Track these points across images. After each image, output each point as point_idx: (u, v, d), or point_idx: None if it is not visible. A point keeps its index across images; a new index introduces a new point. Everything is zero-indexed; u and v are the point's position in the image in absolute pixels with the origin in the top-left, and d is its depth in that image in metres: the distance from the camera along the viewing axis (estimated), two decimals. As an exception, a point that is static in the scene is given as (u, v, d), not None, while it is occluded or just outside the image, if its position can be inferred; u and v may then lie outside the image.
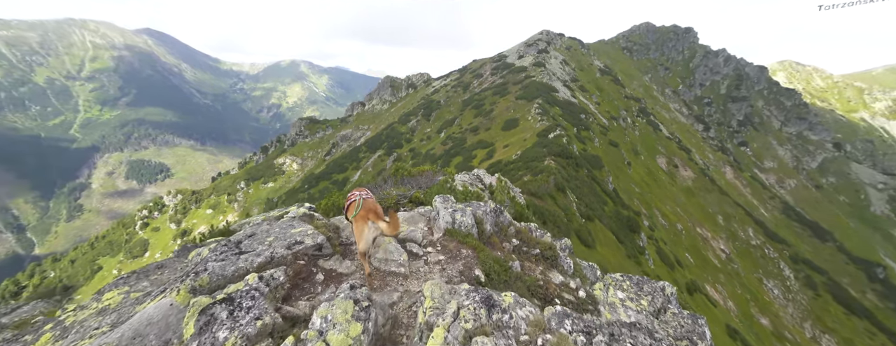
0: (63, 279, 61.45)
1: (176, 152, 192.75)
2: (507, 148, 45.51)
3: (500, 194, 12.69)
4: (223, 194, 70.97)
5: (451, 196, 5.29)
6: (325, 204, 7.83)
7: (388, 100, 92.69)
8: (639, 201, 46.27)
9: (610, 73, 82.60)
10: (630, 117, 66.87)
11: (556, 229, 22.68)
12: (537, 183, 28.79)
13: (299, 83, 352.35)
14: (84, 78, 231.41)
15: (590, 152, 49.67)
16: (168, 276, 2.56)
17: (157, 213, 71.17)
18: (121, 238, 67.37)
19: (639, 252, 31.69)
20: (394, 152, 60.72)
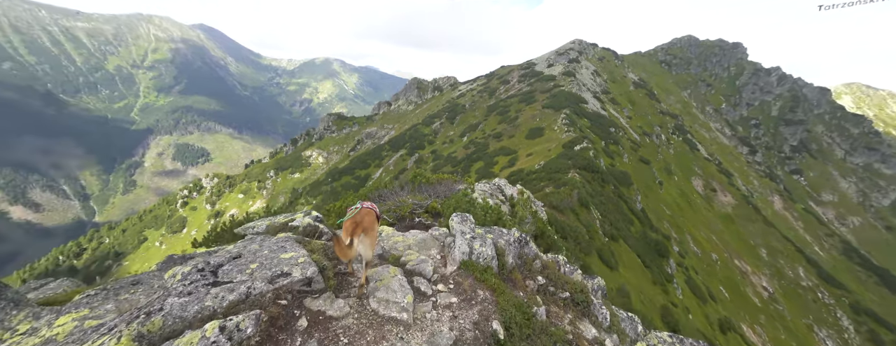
0: (115, 246, 67.19)
1: (216, 139, 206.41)
2: (530, 157, 44.10)
3: (521, 209, 11.84)
4: (254, 181, 74.57)
5: (470, 215, 4.73)
6: (338, 207, 7.46)
7: (413, 101, 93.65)
8: (669, 224, 43.12)
9: (645, 86, 78.44)
10: (664, 134, 62.93)
11: (577, 247, 21.37)
12: (559, 196, 27.42)
13: (331, 80, 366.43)
14: (146, 67, 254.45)
15: (618, 168, 47.07)
16: (141, 296, 2.19)
17: (195, 193, 76.01)
18: (164, 213, 72.61)
19: (666, 279, 29.23)
20: (416, 153, 60.94)
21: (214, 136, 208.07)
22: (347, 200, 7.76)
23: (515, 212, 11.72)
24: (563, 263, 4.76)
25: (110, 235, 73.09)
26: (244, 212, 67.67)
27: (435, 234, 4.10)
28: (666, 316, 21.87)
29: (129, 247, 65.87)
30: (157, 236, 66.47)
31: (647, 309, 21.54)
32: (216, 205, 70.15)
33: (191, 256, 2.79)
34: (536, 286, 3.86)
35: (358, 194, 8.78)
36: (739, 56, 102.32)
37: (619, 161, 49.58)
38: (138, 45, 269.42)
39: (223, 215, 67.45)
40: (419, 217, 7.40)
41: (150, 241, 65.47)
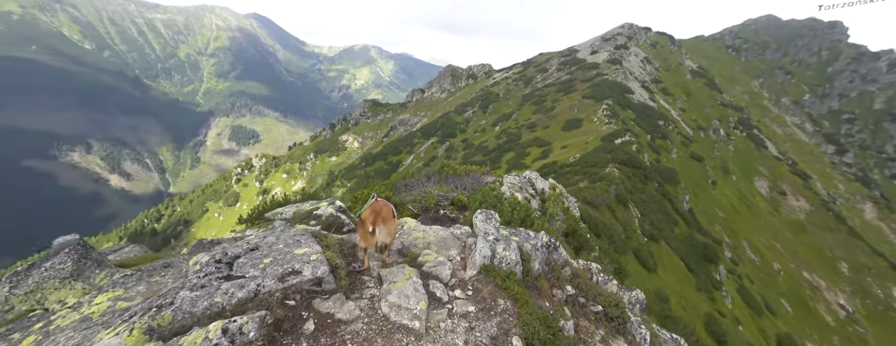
0: (184, 214, 77.48)
1: (264, 122, 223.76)
2: (565, 149, 41.82)
3: (552, 205, 11.14)
4: (296, 162, 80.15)
5: (496, 213, 4.41)
6: (366, 194, 7.53)
7: (447, 89, 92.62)
8: (721, 228, 39.02)
9: (704, 75, 69.55)
10: (724, 129, 55.86)
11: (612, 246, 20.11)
12: (595, 191, 25.81)
13: (368, 67, 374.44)
14: (209, 54, 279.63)
15: (664, 164, 43.07)
16: (169, 279, 2.27)
17: (246, 171, 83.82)
18: (222, 188, 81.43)
19: (714, 286, 26.69)
20: (447, 141, 60.81)
21: (263, 119, 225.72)
22: (375, 187, 7.79)
23: (545, 208, 11.00)
24: (597, 271, 4.31)
25: (181, 204, 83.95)
26: (287, 191, 73.41)
27: (456, 233, 3.86)
28: (711, 325, 20.04)
29: (194, 216, 75.32)
30: (216, 207, 74.99)
31: (689, 316, 19.86)
32: (263, 183, 76.84)
33: (218, 241, 2.89)
34: (564, 297, 3.51)
35: (386, 183, 8.74)
36: (836, 38, 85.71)
37: (666, 157, 45.23)
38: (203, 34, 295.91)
39: (269, 193, 73.77)
40: (444, 209, 7.16)
41: (210, 212, 74.13)
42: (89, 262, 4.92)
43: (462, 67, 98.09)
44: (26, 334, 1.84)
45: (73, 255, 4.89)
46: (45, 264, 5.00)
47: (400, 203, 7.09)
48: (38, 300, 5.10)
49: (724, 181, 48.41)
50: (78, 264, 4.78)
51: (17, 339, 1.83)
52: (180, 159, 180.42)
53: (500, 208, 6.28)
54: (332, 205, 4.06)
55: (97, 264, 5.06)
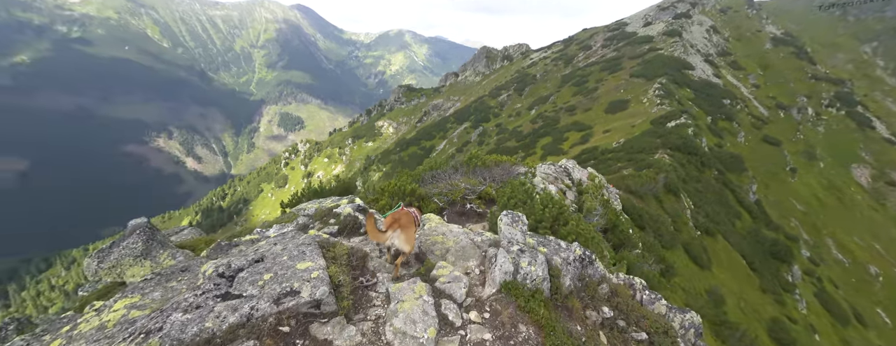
0: (244, 194, 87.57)
1: (308, 109, 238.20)
2: (608, 134, 38.40)
3: (590, 198, 10.11)
4: (336, 148, 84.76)
5: (523, 216, 3.93)
6: (392, 186, 7.34)
7: (481, 72, 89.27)
8: (799, 223, 33.89)
9: (792, 42, 57.96)
10: (814, 107, 46.84)
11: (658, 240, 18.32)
12: (641, 179, 23.54)
13: (402, 52, 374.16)
14: (259, 46, 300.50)
15: (727, 149, 37.84)
16: (184, 285, 2.28)
17: (293, 156, 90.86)
18: (274, 171, 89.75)
19: (783, 288, 23.51)
20: (480, 126, 59.39)
21: (307, 106, 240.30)
22: (402, 179, 7.57)
23: (582, 201, 10.05)
24: (641, 288, 3.71)
25: (240, 185, 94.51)
26: (328, 174, 78.40)
27: (477, 240, 3.48)
28: (776, 331, 17.70)
29: (252, 195, 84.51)
30: (269, 188, 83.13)
31: (749, 320, 17.70)
32: (308, 166, 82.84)
33: (235, 243, 2.93)
34: (600, 319, 3.02)
35: (412, 174, 8.48)
36: None
37: (731, 141, 39.58)
38: (254, 27, 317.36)
39: (313, 175, 79.45)
40: (471, 203, 6.79)
41: (264, 192, 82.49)
42: (155, 243, 5.63)
43: (497, 49, 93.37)
44: (55, 336, 1.94)
45: (142, 236, 5.56)
46: (122, 243, 5.80)
47: (425, 196, 6.82)
48: (118, 273, 5.93)
49: (807, 169, 41.25)
50: (147, 244, 5.48)
51: (47, 341, 1.93)
52: (238, 144, 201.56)
53: (531, 204, 5.72)
54: (352, 204, 3.94)
55: (161, 245, 5.78)
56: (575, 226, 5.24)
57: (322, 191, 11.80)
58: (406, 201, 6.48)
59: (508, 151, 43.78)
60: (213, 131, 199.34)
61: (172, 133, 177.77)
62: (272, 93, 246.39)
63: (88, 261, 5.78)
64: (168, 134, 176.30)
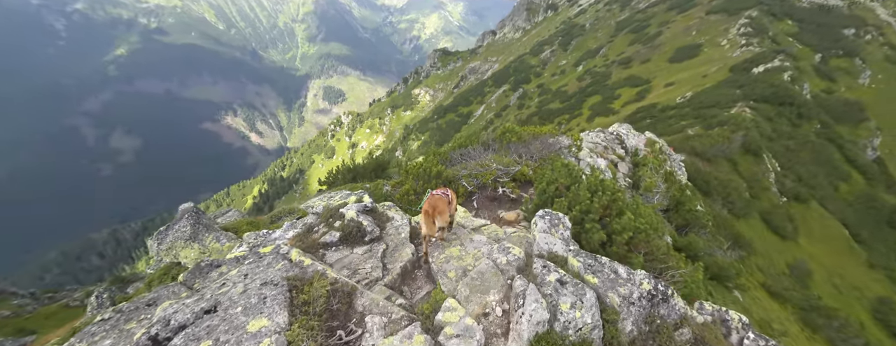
0: (299, 165, 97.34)
1: (348, 81, 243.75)
2: (671, 87, 33.06)
3: (649, 173, 8.41)
4: (376, 118, 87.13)
5: (566, 218, 3.19)
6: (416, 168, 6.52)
7: (521, 27, 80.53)
8: None
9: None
10: None
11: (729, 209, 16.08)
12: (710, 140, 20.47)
13: (436, 13, 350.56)
14: (299, 20, 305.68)
15: (840, 96, 30.43)
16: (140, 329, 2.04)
17: (338, 128, 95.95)
18: (322, 143, 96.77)
19: None
20: (520, 88, 55.31)
21: (346, 78, 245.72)
22: (428, 160, 6.81)
23: (639, 176, 8.42)
24: (740, 326, 2.64)
25: (296, 156, 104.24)
26: (370, 144, 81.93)
27: (502, 263, 2.60)
28: (885, 313, 15.10)
29: (306, 166, 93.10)
30: (319, 159, 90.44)
31: (846, 300, 15.32)
32: (352, 138, 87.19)
33: (218, 263, 2.77)
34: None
35: (439, 153, 7.58)
36: None
37: (849, 83, 31.63)
38: (294, 2, 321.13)
39: (357, 146, 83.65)
40: (504, 187, 5.90)
41: (316, 163, 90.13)
42: (201, 226, 6.10)
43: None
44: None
45: (191, 220, 6.05)
46: (174, 226, 6.19)
47: (453, 179, 6.17)
48: (174, 255, 6.11)
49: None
50: (194, 228, 5.97)
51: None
52: (291, 119, 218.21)
53: (575, 191, 4.61)
54: (359, 204, 3.52)
55: (206, 229, 6.14)
56: (631, 221, 4.09)
57: (356, 168, 11.83)
58: (432, 184, 6.03)
59: (551, 115, 40.52)
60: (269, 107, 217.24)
61: (237, 111, 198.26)
62: (315, 67, 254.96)
63: (151, 242, 6.30)
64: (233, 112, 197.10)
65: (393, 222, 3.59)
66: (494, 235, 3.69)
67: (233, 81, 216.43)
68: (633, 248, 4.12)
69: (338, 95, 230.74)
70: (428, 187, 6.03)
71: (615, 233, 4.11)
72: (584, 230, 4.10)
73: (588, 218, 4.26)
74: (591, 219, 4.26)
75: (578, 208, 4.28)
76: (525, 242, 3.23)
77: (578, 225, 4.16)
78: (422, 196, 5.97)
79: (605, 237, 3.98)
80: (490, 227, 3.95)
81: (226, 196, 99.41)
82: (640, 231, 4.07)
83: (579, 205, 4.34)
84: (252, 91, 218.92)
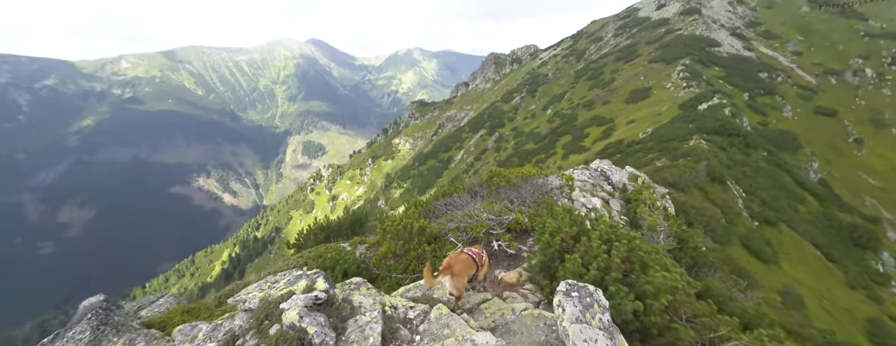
0: (275, 223, 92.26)
1: (328, 135, 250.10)
2: (633, 125, 36.36)
3: (648, 210, 7.96)
4: (357, 169, 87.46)
5: (598, 293, 2.55)
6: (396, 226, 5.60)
7: (491, 78, 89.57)
8: (877, 202, 29.60)
9: (832, 0, 52.82)
10: (873, 68, 41.84)
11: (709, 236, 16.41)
12: (678, 170, 21.65)
13: (412, 70, 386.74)
14: (280, 82, 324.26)
15: (774, 127, 34.42)
16: None
17: (318, 181, 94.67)
18: (301, 197, 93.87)
19: (874, 281, 20.22)
20: (495, 132, 58.85)
21: (327, 133, 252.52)
22: (408, 213, 6.24)
23: (635, 214, 7.95)
24: None
25: (272, 214, 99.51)
26: (351, 195, 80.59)
27: None
28: (879, 336, 14.89)
29: (282, 223, 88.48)
30: (297, 215, 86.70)
31: (841, 324, 14.98)
32: (332, 190, 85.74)
33: None
34: None
35: (421, 204, 6.96)
36: None
37: (777, 117, 36.04)
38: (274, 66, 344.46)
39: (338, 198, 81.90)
40: (499, 241, 5.21)
41: (294, 219, 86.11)
42: (108, 328, 4.67)
43: (505, 53, 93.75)
44: None
45: (93, 321, 4.63)
46: (66, 335, 4.68)
47: (438, 235, 5.53)
48: None
49: (877, 138, 36.39)
50: (96, 332, 4.54)
51: None
52: (268, 176, 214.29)
53: (586, 243, 3.82)
54: (308, 295, 2.56)
55: (116, 330, 4.66)
56: (666, 279, 3.31)
57: (330, 225, 10.85)
58: (414, 242, 5.34)
59: (527, 155, 42.68)
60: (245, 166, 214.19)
61: (210, 172, 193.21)
62: (294, 124, 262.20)
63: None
64: (206, 173, 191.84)
65: (358, 317, 2.58)
66: (501, 317, 2.86)
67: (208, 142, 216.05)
68: (673, 314, 3.31)
69: (317, 149, 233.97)
70: (409, 246, 5.36)
71: (647, 296, 3.25)
72: (608, 296, 3.19)
73: (609, 278, 3.38)
74: (613, 279, 3.37)
75: (595, 266, 3.46)
76: (543, 326, 2.45)
77: (596, 284, 3.15)
78: (402, 259, 5.34)
79: (640, 306, 3.10)
80: (492, 305, 3.17)
81: (190, 265, 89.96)
82: (678, 290, 3.27)
83: (595, 261, 3.51)
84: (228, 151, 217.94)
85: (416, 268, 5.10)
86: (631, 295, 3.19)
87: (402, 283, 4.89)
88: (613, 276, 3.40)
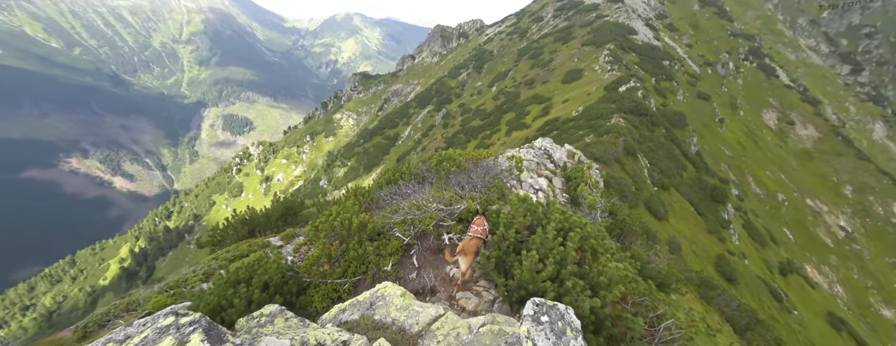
0: (193, 209, 78.80)
1: (256, 108, 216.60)
2: (567, 103, 39.37)
3: (588, 190, 8.28)
4: (293, 146, 78.64)
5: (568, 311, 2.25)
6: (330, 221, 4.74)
7: (438, 52, 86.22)
8: (727, 167, 38.10)
9: (714, 3, 62.69)
10: (734, 62, 51.79)
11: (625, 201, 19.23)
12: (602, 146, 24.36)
13: (353, 38, 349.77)
14: (184, 41, 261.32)
15: (671, 108, 40.76)
16: None
17: (246, 161, 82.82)
18: (224, 180, 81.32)
19: (722, 226, 26.62)
20: (443, 108, 58.02)
21: (254, 105, 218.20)
22: (346, 206, 5.23)
23: (578, 193, 8.16)
24: None
25: (187, 199, 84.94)
26: (288, 176, 73.10)
27: None
28: (721, 266, 20.05)
29: (203, 210, 76.50)
30: (222, 199, 75.65)
31: (700, 259, 19.75)
32: (264, 170, 76.24)
33: None
34: None
35: (364, 193, 6.03)
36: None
37: (673, 100, 42.65)
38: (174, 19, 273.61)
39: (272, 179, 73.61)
40: (450, 233, 4.70)
41: (218, 204, 75.00)
42: None
43: (451, 27, 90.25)
44: None
45: None
46: None
47: (382, 230, 4.76)
48: None
49: (732, 118, 46.18)
50: None
51: None
52: (179, 155, 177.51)
53: (542, 235, 3.58)
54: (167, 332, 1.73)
55: None
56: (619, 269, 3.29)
57: (254, 217, 8.96)
58: (354, 240, 4.49)
59: (474, 132, 43.44)
60: (144, 144, 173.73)
61: (88, 151, 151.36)
62: (209, 93, 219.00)
63: None
64: (82, 153, 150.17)
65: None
66: (456, 339, 2.30)
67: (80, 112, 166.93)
68: (622, 302, 3.29)
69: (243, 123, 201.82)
70: (348, 245, 4.55)
71: (602, 288, 3.16)
72: (565, 290, 3.09)
73: (565, 271, 3.23)
74: (569, 273, 3.21)
75: (552, 259, 3.30)
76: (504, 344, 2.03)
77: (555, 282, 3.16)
78: (339, 263, 4.48)
79: (598, 302, 2.99)
80: (445, 323, 2.50)
81: (70, 266, 71.54)
82: (630, 280, 3.25)
83: (551, 254, 3.34)
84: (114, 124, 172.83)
85: (357, 270, 4.36)
86: (587, 290, 3.08)
87: (341, 290, 4.19)
88: (570, 269, 3.28)
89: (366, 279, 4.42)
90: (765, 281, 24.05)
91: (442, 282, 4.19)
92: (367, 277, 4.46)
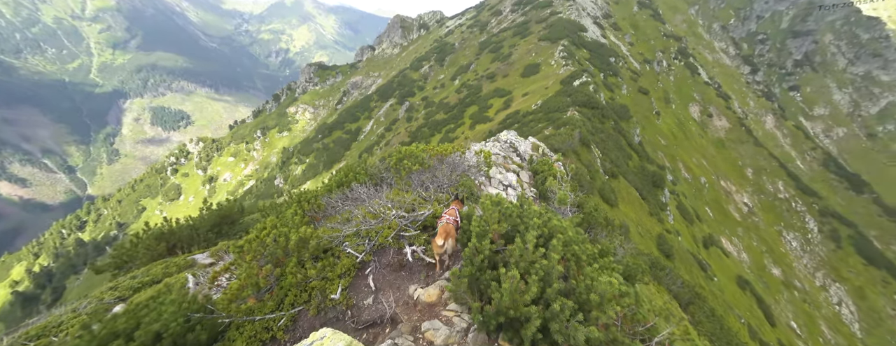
0: (115, 217, 67.09)
1: (194, 100, 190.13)
2: (527, 97, 40.34)
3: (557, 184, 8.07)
4: (242, 143, 70.65)
5: None
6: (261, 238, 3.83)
7: (398, 43, 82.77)
8: (663, 155, 42.44)
9: (650, 5, 68.58)
10: (667, 60, 57.42)
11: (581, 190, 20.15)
12: (560, 137, 25.25)
13: (306, 25, 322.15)
14: (89, 18, 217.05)
15: (618, 102, 43.92)
16: None
17: (183, 159, 72.62)
18: (156, 182, 70.45)
19: (661, 209, 29.55)
20: (406, 101, 56.06)
21: (191, 96, 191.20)
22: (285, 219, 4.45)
23: (543, 186, 7.87)
24: None
25: (107, 206, 72.20)
26: (237, 175, 65.79)
27: None
28: (661, 244, 22.30)
29: (129, 217, 65.64)
30: (154, 204, 65.58)
31: (645, 240, 21.70)
32: (208, 170, 67.63)
33: None
34: None
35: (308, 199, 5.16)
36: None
37: (619, 94, 45.99)
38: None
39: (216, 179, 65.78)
40: (413, 245, 3.93)
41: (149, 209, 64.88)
42: None
43: (411, 17, 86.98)
44: None
45: None
46: None
47: (329, 246, 3.90)
48: None
49: (666, 111, 51.40)
50: None
51: None
52: (92, 155, 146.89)
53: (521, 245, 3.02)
54: None
55: None
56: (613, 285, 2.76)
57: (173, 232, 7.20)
58: (292, 262, 3.57)
59: (438, 125, 42.66)
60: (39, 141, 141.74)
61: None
62: (131, 82, 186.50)
63: None
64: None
65: None
66: None
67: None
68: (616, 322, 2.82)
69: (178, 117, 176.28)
70: (285, 268, 3.67)
71: (592, 307, 2.63)
72: (551, 315, 2.53)
73: (551, 290, 2.67)
74: (555, 292, 2.66)
75: (535, 276, 2.72)
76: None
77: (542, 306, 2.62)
78: (272, 292, 3.58)
79: (594, 332, 2.45)
80: None
81: None
82: (624, 295, 2.70)
83: (534, 269, 2.77)
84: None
85: (296, 300, 3.39)
86: (578, 313, 2.53)
87: (275, 328, 3.21)
88: (556, 287, 2.70)
89: (308, 311, 3.51)
90: (693, 254, 27.43)
91: (404, 307, 3.47)
92: (310, 307, 3.53)
